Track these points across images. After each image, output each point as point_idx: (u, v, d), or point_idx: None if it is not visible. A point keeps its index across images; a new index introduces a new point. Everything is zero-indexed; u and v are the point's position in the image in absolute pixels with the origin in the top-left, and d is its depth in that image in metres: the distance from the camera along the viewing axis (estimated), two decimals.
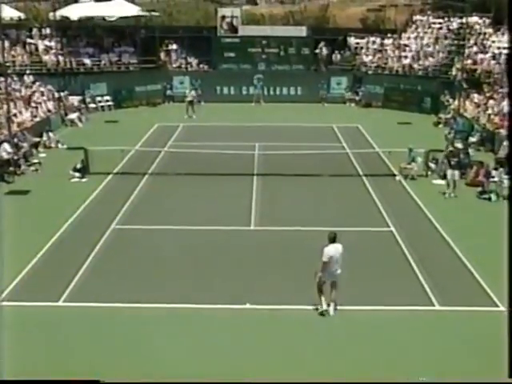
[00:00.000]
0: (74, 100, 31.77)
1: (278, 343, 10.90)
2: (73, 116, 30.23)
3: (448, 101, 31.02)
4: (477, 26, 34.38)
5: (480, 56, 32.17)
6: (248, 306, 12.10)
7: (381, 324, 11.55)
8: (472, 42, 33.27)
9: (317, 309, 11.78)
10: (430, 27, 37.04)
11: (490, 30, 33.70)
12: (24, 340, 10.88)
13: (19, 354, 10.34)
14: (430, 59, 34.62)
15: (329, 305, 11.76)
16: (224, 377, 9.76)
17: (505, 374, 8.37)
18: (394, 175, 21.10)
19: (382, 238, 15.83)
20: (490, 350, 10.42)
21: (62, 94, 31.34)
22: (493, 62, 31.12)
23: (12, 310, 11.57)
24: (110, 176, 20.90)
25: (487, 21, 34.63)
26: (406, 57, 35.54)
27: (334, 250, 11.58)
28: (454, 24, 35.80)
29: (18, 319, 11.42)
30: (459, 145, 22.71)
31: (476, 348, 10.83)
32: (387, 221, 16.85)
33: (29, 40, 34.79)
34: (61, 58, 34.16)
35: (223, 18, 37.30)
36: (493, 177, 19.45)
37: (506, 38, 30.72)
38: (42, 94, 30.20)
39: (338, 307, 11.79)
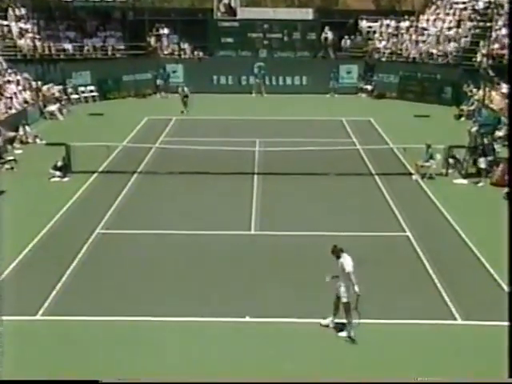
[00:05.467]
0: (54, 90, 31.88)
1: (281, 360, 10.89)
2: (52, 108, 30.34)
3: (471, 91, 31.04)
4: (506, 5, 34.22)
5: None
6: (248, 319, 12.14)
7: (398, 339, 11.57)
8: (500, 23, 32.88)
9: (342, 328, 11.69)
10: (451, 8, 36.99)
11: None
12: None
13: None
14: (452, 44, 34.67)
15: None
16: None
17: None
18: (410, 174, 21.14)
19: (396, 243, 15.86)
20: None
21: (40, 83, 31.45)
22: None
23: None
24: (94, 175, 20.94)
25: None
26: (424, 42, 35.64)
27: (350, 259, 11.48)
28: (480, 3, 35.55)
29: None
30: (484, 140, 22.68)
31: (500, 364, 10.83)
32: (402, 225, 16.88)
33: (1, 21, 34.74)
34: (38, 43, 34.19)
35: None
36: None
37: None
38: (18, 83, 30.30)
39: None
